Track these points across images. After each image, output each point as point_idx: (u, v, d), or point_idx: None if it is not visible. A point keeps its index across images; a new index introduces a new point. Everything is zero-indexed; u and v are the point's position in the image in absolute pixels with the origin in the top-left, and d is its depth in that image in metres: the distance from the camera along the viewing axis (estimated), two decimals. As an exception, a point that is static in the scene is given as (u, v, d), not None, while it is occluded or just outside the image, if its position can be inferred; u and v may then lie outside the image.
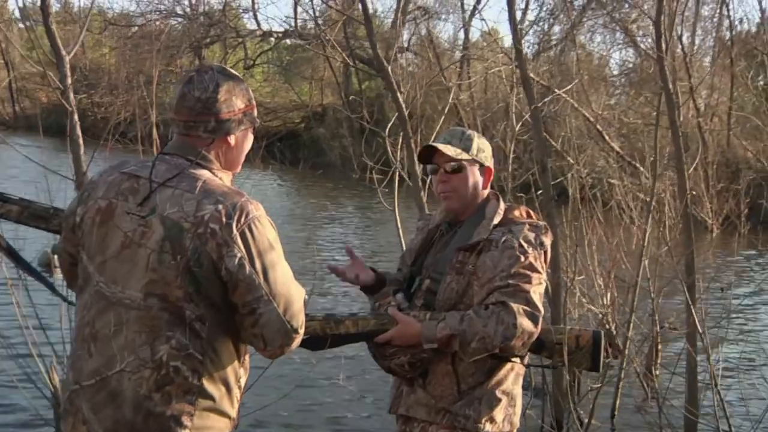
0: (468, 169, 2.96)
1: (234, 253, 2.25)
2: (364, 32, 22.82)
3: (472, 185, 2.97)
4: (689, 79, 14.07)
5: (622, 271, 6.73)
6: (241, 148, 2.46)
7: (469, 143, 2.97)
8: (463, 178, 2.96)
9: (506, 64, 10.60)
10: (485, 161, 3.00)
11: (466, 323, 2.75)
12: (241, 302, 2.29)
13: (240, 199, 2.29)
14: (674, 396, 6.31)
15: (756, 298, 10.70)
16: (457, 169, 2.95)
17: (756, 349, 8.47)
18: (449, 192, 2.97)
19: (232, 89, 2.37)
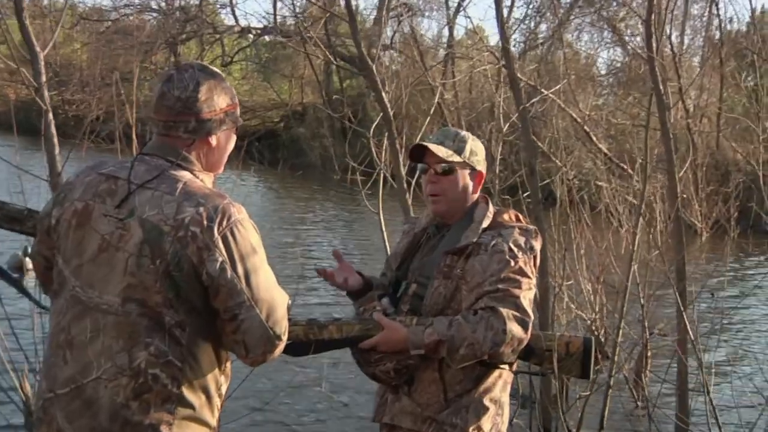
0: (458, 172, 2.96)
1: (215, 257, 2.24)
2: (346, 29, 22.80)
3: (461, 189, 2.97)
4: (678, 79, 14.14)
5: (611, 275, 6.75)
6: (223, 149, 2.45)
7: (462, 145, 2.97)
8: (453, 180, 2.95)
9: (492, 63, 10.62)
10: (477, 165, 3.00)
11: (455, 329, 2.75)
12: (222, 308, 2.28)
13: (222, 202, 2.28)
14: (664, 403, 6.33)
15: (747, 303, 10.76)
16: (447, 171, 2.95)
17: (747, 354, 8.53)
18: (437, 194, 2.96)
19: (214, 88, 2.36)
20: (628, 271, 6.34)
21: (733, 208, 15.25)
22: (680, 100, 12.64)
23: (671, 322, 6.75)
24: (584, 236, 6.87)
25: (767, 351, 8.84)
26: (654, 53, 6.10)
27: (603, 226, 7.83)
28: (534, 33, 20.55)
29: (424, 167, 2.98)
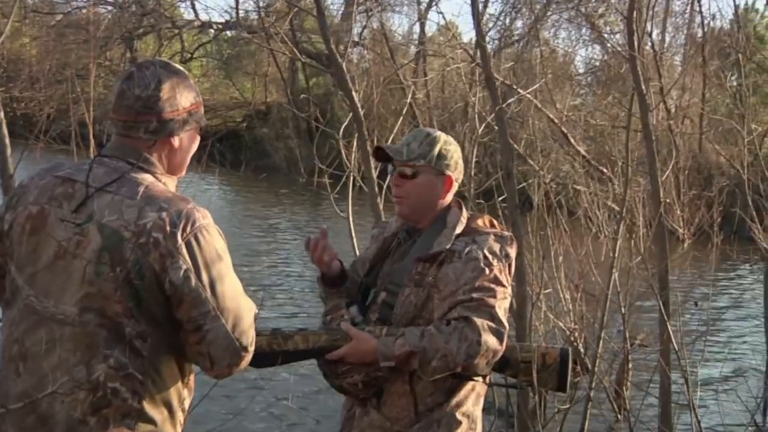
0: (423, 176, 2.97)
1: (179, 264, 2.24)
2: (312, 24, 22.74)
3: (424, 194, 2.98)
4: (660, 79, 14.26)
5: (590, 284, 6.80)
6: (186, 151, 2.45)
7: (429, 149, 2.97)
8: (416, 184, 2.97)
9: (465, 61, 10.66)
10: (446, 169, 3.00)
11: (427, 340, 2.76)
12: (186, 318, 2.28)
13: (185, 206, 2.28)
14: (647, 417, 6.39)
15: (732, 313, 10.88)
16: (410, 175, 2.96)
17: (733, 366, 8.62)
18: (400, 197, 2.99)
19: (176, 86, 2.36)
20: (609, 279, 6.38)
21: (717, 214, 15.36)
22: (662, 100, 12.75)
23: (653, 332, 6.80)
24: (562, 243, 6.91)
25: (753, 362, 8.93)
26: (636, 51, 6.16)
27: (582, 232, 7.87)
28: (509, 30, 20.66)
29: (391, 169, 3.01)
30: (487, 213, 3.30)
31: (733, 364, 8.74)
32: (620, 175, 8.34)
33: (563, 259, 6.84)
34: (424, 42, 22.41)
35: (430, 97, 17.44)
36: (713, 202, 15.67)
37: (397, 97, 15.90)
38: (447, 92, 19.70)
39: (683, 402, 5.79)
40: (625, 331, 6.38)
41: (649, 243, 6.68)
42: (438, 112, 15.33)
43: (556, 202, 7.59)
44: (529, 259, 6.50)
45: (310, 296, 10.37)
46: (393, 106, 15.03)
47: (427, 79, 16.68)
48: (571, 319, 6.61)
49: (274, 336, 2.82)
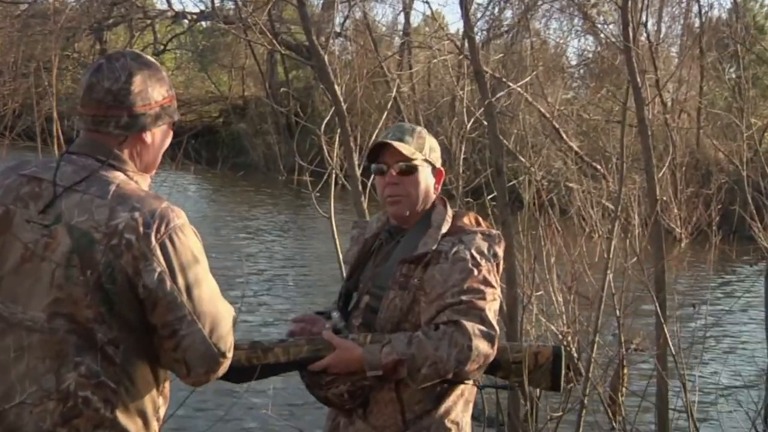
0: (420, 171, 2.97)
1: (153, 267, 2.23)
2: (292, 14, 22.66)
3: (423, 189, 2.99)
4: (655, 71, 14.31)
5: (584, 285, 6.81)
6: (159, 147, 2.44)
7: (422, 142, 2.99)
8: (415, 180, 2.97)
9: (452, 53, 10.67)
10: (437, 162, 3.03)
11: (415, 346, 2.75)
12: (160, 323, 2.28)
13: (159, 206, 2.28)
14: (643, 423, 6.41)
15: (732, 315, 10.92)
16: (408, 171, 2.96)
17: (733, 371, 8.66)
18: (399, 196, 2.97)
19: (148, 79, 2.36)
20: (603, 281, 6.39)
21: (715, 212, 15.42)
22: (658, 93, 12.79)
23: (650, 336, 6.83)
24: (555, 243, 6.92)
25: (754, 366, 8.98)
26: (631, 42, 6.18)
27: (575, 231, 7.90)
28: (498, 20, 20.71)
29: (380, 168, 2.98)
30: (477, 212, 3.30)
31: (732, 369, 8.78)
32: (615, 172, 8.36)
33: (555, 260, 6.85)
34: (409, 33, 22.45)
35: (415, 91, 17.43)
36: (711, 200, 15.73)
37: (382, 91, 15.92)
38: (433, 85, 19.73)
39: (681, 408, 5.81)
40: (621, 335, 6.39)
41: (645, 243, 6.70)
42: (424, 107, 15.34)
43: (547, 201, 7.60)
44: (520, 260, 6.51)
45: (291, 299, 10.37)
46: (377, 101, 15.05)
47: (412, 71, 16.68)
48: (564, 322, 6.63)
49: (254, 349, 2.82)
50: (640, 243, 6.57)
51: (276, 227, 17.06)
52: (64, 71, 22.05)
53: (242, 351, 2.77)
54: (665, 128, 15.25)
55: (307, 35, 6.51)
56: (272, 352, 2.82)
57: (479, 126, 8.85)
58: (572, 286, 6.61)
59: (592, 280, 6.62)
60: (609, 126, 15.20)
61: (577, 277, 6.67)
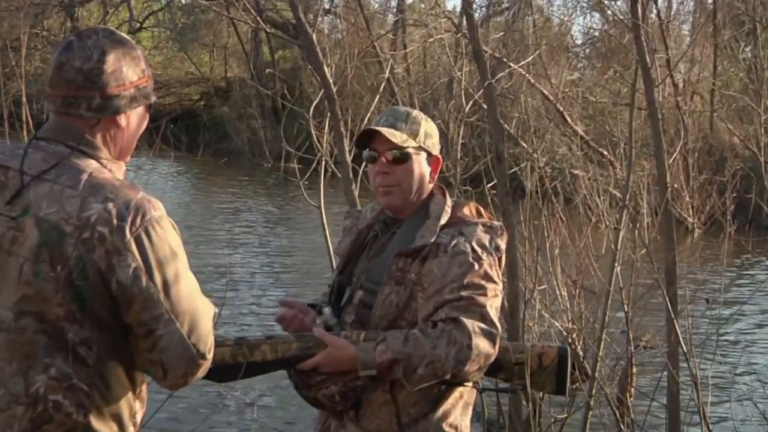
0: (414, 159, 2.97)
1: (127, 262, 2.23)
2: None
3: (417, 178, 2.98)
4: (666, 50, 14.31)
5: (590, 279, 6.82)
6: (134, 131, 2.44)
7: (417, 127, 2.98)
8: (408, 169, 2.96)
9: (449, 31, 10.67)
10: (433, 149, 3.02)
11: (411, 345, 2.76)
12: (136, 322, 2.27)
13: (135, 196, 2.27)
14: (653, 425, 6.42)
15: (746, 310, 10.94)
16: (401, 159, 2.96)
17: (747, 368, 8.67)
18: (391, 186, 2.97)
19: (122, 57, 2.34)
20: (611, 274, 6.40)
21: (730, 200, 15.45)
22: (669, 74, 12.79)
23: (660, 333, 6.83)
24: (559, 233, 6.92)
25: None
26: (639, 20, 6.17)
27: (581, 221, 7.90)
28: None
29: (372, 155, 2.98)
30: (475, 200, 3.31)
31: (748, 368, 8.80)
32: (623, 158, 8.37)
33: (560, 252, 6.86)
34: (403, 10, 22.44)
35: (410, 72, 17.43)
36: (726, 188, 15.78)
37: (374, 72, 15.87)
38: (429, 66, 19.72)
39: (693, 409, 5.82)
40: (629, 332, 6.40)
41: (654, 233, 6.71)
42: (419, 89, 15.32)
43: (551, 189, 7.61)
44: (522, 252, 6.52)
45: (278, 295, 10.35)
46: (369, 82, 15.02)
47: (407, 51, 16.68)
48: (569, 318, 6.63)
49: (239, 346, 2.81)
50: (649, 234, 6.57)
51: (261, 218, 17.06)
52: (33, 51, 22.00)
53: (226, 348, 2.76)
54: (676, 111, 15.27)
55: (294, 12, 6.50)
56: (259, 350, 2.81)
57: (478, 109, 8.86)
58: (577, 280, 6.62)
59: (598, 274, 6.63)
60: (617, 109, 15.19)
61: (582, 270, 6.67)
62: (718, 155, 18.04)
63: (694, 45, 18.16)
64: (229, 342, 2.79)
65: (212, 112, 26.29)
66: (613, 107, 14.90)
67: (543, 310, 6.63)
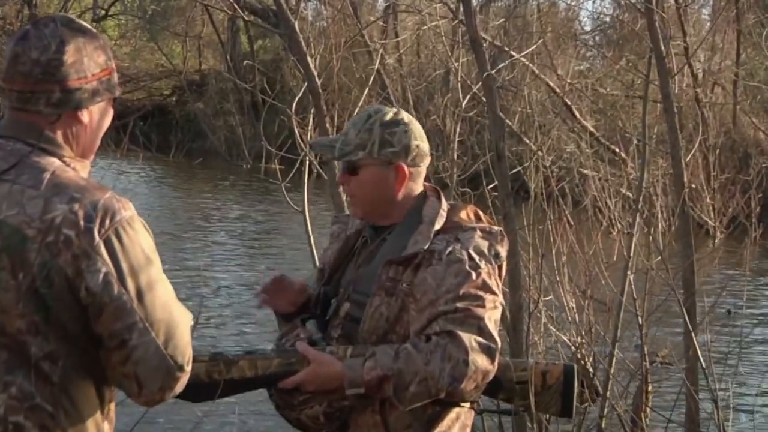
0: (366, 171, 2.99)
1: (97, 267, 2.24)
2: (257, -26, 22.63)
3: (372, 192, 3.00)
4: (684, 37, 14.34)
5: (600, 289, 6.84)
6: (97, 128, 2.45)
7: (367, 136, 2.97)
8: (360, 182, 3.00)
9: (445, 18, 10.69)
10: (394, 158, 2.98)
11: (403, 360, 2.77)
12: (107, 332, 2.28)
13: (103, 196, 2.28)
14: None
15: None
16: (350, 170, 3.01)
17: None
18: (352, 197, 3.07)
19: (83, 48, 2.36)
20: (623, 283, 6.43)
21: (755, 201, 15.46)
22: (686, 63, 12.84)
23: (677, 347, 6.87)
24: (566, 239, 6.94)
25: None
26: (654, 3, 6.21)
27: (590, 225, 7.92)
28: (499, -22, 20.72)
29: None
30: (474, 203, 3.33)
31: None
32: (636, 156, 8.41)
33: (567, 260, 6.88)
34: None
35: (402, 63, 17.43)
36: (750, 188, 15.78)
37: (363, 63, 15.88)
38: (423, 57, 19.74)
39: (713, 431, 5.85)
40: (643, 347, 6.43)
41: (671, 238, 6.74)
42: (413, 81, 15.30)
43: (558, 190, 7.63)
44: (526, 259, 6.53)
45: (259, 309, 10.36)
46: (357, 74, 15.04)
47: (398, 40, 16.70)
48: (577, 331, 6.65)
49: (214, 362, 2.82)
50: (665, 239, 6.60)
51: (240, 224, 17.05)
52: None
53: (201, 363, 2.77)
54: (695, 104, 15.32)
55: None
56: (236, 366, 2.83)
57: (477, 103, 8.88)
58: (587, 290, 6.64)
59: (609, 283, 6.65)
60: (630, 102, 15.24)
61: (592, 279, 6.69)
62: (741, 152, 18.05)
63: (715, 31, 18.15)
64: (204, 357, 2.80)
65: (185, 108, 26.23)
66: (625, 100, 14.95)
67: (549, 323, 6.65)
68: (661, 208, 7.49)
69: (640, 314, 6.27)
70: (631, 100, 14.81)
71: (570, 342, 6.65)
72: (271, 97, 8.84)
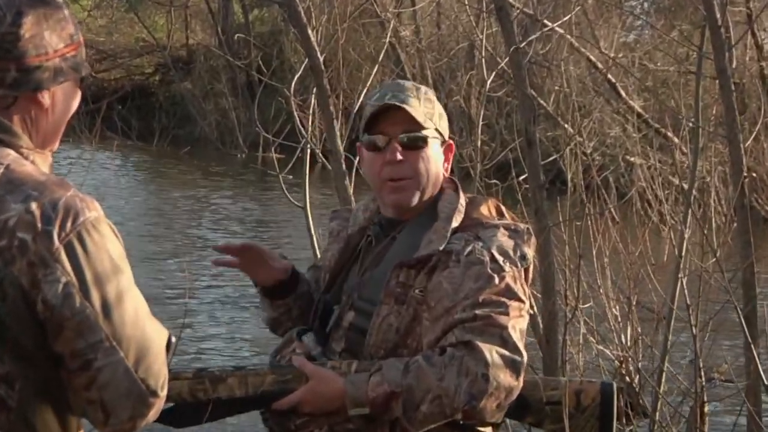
0: (430, 145, 2.99)
1: (56, 276, 2.22)
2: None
3: (434, 169, 3.01)
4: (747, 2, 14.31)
5: (648, 295, 6.83)
6: (62, 112, 2.44)
7: (431, 106, 3.00)
8: (425, 157, 2.99)
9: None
10: (446, 134, 3.06)
11: (413, 375, 2.78)
12: (69, 352, 2.27)
13: (64, 194, 2.27)
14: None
15: None
16: (416, 144, 2.98)
17: None
18: (405, 179, 2.98)
19: (44, 20, 2.35)
20: (674, 288, 6.42)
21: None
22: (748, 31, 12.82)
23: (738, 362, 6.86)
24: (609, 237, 6.94)
25: None
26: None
27: (636, 222, 7.91)
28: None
29: (375, 140, 3.00)
30: (502, 196, 3.34)
31: None
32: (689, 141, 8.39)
33: (609, 261, 6.88)
34: (410, -44, 22.39)
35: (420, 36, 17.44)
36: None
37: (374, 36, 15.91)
38: (444, 28, 19.72)
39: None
40: (698, 361, 6.43)
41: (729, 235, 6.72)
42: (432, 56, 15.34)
43: (600, 181, 7.63)
44: (561, 261, 6.54)
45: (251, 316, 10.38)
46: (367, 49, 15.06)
47: (415, 8, 16.68)
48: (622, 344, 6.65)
49: (199, 379, 2.84)
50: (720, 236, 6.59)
51: (233, 222, 17.05)
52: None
53: (184, 381, 2.79)
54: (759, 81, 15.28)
55: (269, -39, 6.55)
56: (224, 383, 2.84)
57: (507, 82, 8.89)
58: (632, 296, 6.63)
59: (658, 288, 6.65)
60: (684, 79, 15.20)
61: (638, 283, 6.69)
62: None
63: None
64: (187, 374, 2.81)
65: (170, 89, 26.24)
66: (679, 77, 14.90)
67: (588, 335, 6.65)
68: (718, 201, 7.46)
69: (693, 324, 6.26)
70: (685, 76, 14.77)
71: (613, 356, 6.65)
72: (267, 75, 8.85)
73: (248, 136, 19.61)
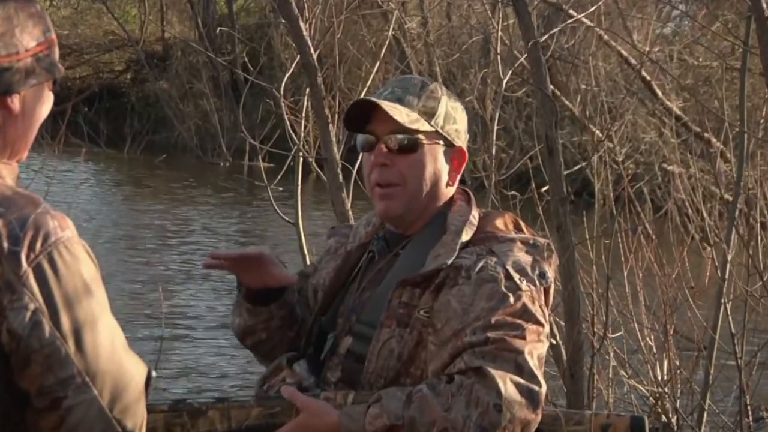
0: (426, 149, 2.99)
1: (23, 302, 2.23)
2: None
3: (430, 176, 3.00)
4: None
5: (686, 323, 6.85)
6: (33, 117, 2.45)
7: (434, 104, 3.00)
8: (417, 162, 2.98)
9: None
10: (456, 139, 3.05)
11: (416, 406, 2.78)
12: (35, 388, 2.27)
13: (33, 211, 2.28)
14: None
15: None
16: (407, 147, 2.98)
17: None
18: (392, 185, 2.99)
19: (14, 15, 2.38)
20: (716, 315, 6.43)
21: None
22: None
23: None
24: (642, 257, 6.94)
25: None
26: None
27: (673, 239, 7.91)
28: None
29: (368, 140, 3.01)
30: (520, 210, 3.38)
31: None
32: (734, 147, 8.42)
33: (643, 284, 6.88)
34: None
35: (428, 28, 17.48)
36: None
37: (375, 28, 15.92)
38: (455, 19, 19.75)
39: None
40: (744, 398, 6.45)
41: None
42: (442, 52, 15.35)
43: (632, 192, 7.64)
44: (588, 284, 6.55)
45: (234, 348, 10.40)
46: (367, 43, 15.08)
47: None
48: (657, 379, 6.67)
49: (176, 412, 2.84)
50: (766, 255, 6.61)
51: (214, 239, 17.05)
52: None
53: (159, 414, 2.79)
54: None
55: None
56: (205, 417, 2.85)
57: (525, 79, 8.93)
58: (668, 323, 6.64)
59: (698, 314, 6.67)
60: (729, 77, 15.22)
61: (676, 308, 6.70)
62: None
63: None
64: (162, 407, 2.81)
65: (143, 88, 26.30)
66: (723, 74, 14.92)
67: (619, 367, 6.66)
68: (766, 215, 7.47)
69: (738, 356, 6.27)
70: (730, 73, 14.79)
71: (647, 392, 6.66)
72: (254, 74, 8.89)
73: (232, 143, 19.71)
